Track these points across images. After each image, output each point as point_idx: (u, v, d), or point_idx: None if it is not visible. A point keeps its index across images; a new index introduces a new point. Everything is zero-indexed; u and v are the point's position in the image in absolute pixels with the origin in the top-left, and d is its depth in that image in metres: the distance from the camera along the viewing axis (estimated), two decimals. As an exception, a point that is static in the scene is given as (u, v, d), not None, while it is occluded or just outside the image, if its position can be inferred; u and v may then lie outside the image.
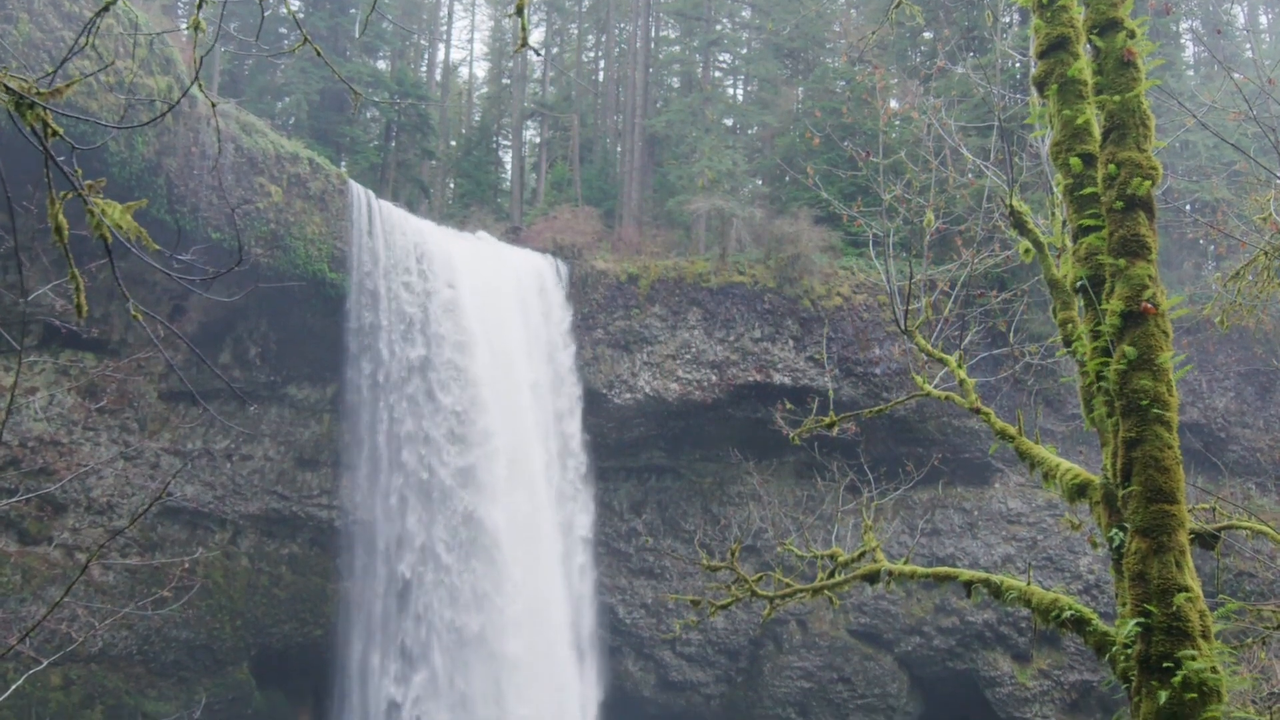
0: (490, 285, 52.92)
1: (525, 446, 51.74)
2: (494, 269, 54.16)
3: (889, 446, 54.79)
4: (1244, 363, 58.16)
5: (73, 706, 46.51)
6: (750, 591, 15.04)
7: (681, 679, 61.38)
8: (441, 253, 51.90)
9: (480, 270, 53.09)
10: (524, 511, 50.73)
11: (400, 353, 50.12)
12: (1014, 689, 58.56)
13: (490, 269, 53.92)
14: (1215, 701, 6.58)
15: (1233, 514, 14.21)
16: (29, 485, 43.91)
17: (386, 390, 50.11)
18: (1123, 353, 7.51)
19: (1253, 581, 51.23)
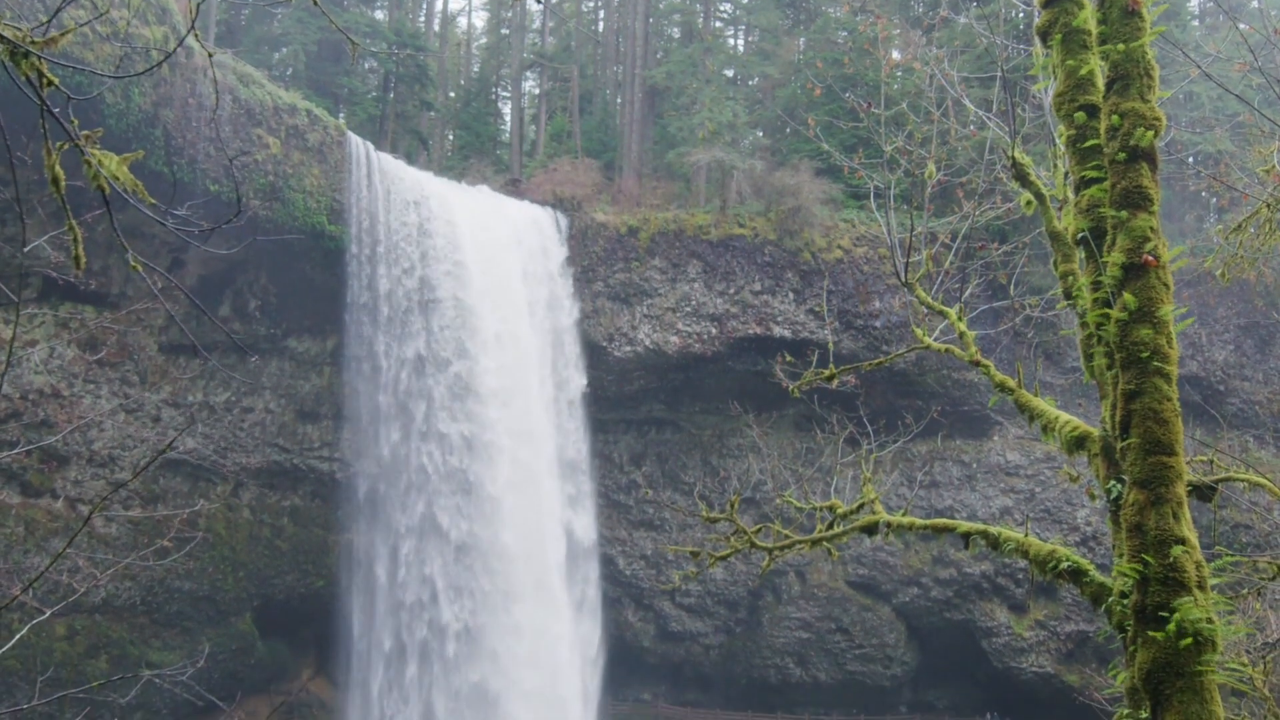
0: (490, 238, 52.73)
1: (525, 399, 51.78)
2: (494, 222, 53.95)
3: (888, 399, 54.89)
4: (1244, 316, 58.11)
5: (77, 656, 46.94)
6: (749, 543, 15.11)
7: (681, 629, 61.91)
8: (441, 205, 51.67)
9: (480, 223, 52.88)
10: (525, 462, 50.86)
11: (400, 305, 50.05)
12: (1010, 639, 59.08)
13: (490, 222, 53.70)
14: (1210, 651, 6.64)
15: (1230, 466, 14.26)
16: (30, 437, 44.02)
17: (387, 342, 50.09)
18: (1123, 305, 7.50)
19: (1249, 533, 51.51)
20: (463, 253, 51.07)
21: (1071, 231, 10.51)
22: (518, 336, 52.07)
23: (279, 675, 54.93)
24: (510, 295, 52.34)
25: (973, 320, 15.66)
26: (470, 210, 53.22)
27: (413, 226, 50.40)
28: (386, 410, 50.27)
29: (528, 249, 54.69)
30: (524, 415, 51.44)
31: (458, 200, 53.30)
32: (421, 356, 50.23)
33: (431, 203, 51.35)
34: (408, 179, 51.62)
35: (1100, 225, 8.74)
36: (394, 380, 50.22)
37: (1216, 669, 6.77)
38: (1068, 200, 11.94)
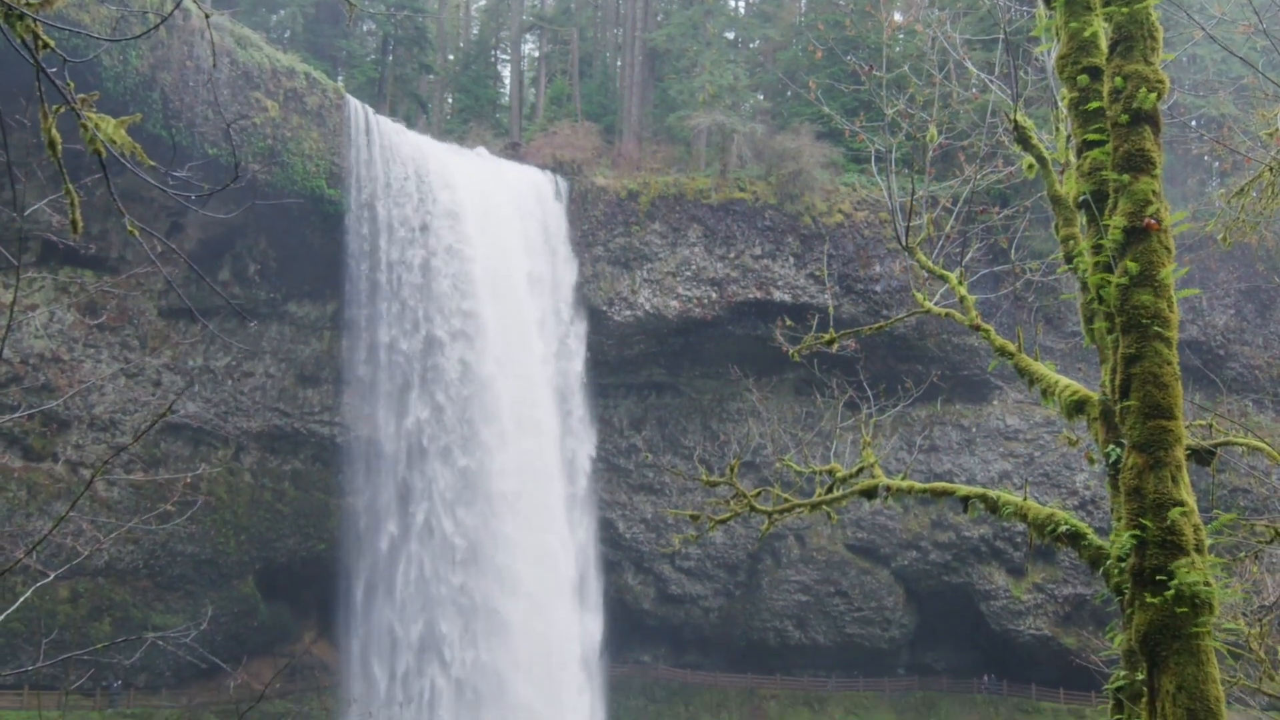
0: (490, 202, 52.54)
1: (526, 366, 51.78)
2: (493, 185, 53.73)
3: (888, 363, 54.90)
4: (1245, 280, 58.00)
5: (81, 619, 47.23)
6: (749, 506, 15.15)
7: (681, 592, 62.23)
8: (441, 169, 51.45)
9: (480, 187, 52.67)
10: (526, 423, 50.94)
11: (400, 269, 49.94)
12: (1008, 602, 59.39)
13: (490, 186, 53.48)
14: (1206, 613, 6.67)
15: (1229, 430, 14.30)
16: (31, 402, 44.06)
17: (387, 307, 50.03)
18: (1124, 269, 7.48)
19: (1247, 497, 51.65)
20: (462, 217, 50.90)
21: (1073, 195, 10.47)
22: (517, 299, 51.98)
23: (282, 638, 55.28)
24: (510, 259, 52.21)
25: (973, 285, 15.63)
26: (470, 174, 53.01)
27: (412, 190, 50.21)
28: (385, 373, 50.28)
29: (527, 213, 54.50)
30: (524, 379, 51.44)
31: (457, 164, 53.07)
32: (419, 318, 50.17)
33: (431, 167, 51.13)
34: (407, 143, 51.36)
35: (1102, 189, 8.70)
36: (392, 343, 50.19)
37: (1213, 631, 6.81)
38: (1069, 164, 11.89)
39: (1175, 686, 6.63)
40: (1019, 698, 59.83)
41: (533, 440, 51.17)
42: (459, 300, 50.55)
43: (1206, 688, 6.57)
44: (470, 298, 50.68)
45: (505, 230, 52.57)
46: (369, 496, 51.31)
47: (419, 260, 50.18)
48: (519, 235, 53.33)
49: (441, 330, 50.38)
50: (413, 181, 50.31)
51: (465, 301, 50.62)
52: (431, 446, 50.32)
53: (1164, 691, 6.71)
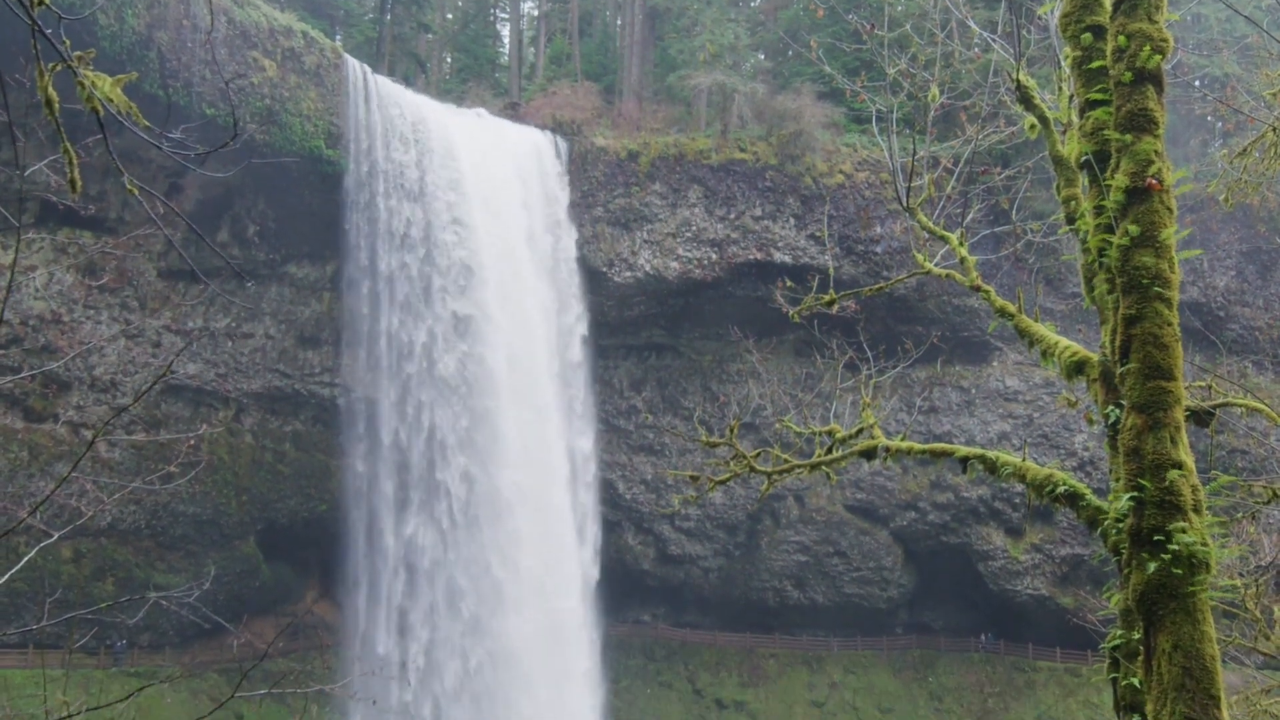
0: (489, 162, 52.33)
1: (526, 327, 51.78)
2: (493, 146, 53.49)
3: (888, 325, 54.88)
4: (1246, 241, 57.86)
5: (84, 578, 47.50)
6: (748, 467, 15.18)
7: (680, 552, 62.55)
8: (440, 129, 51.19)
9: (479, 147, 52.43)
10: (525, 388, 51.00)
11: (399, 230, 49.81)
12: (1006, 562, 59.72)
13: (489, 146, 53.24)
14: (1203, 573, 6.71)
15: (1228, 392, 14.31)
16: (32, 363, 44.09)
17: (387, 268, 49.94)
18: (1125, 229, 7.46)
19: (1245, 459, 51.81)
20: (462, 178, 50.72)
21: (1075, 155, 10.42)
22: (517, 262, 51.90)
23: (283, 597, 55.65)
24: (509, 220, 52.06)
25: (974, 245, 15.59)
26: (469, 134, 52.75)
27: (411, 151, 49.98)
28: (385, 334, 50.28)
29: (527, 174, 54.29)
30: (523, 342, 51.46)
31: (456, 124, 52.80)
32: (419, 280, 50.10)
33: (430, 127, 50.87)
34: (406, 103, 51.07)
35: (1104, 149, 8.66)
36: (392, 304, 50.15)
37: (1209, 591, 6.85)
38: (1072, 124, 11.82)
39: (1171, 645, 6.68)
40: (1016, 657, 60.31)
41: (533, 398, 51.25)
42: (459, 260, 50.44)
43: (1202, 646, 6.62)
44: (470, 258, 50.57)
45: (505, 191, 52.39)
46: (369, 457, 51.44)
47: (418, 220, 50.04)
48: (518, 196, 53.15)
49: (441, 290, 50.30)
50: (412, 141, 50.07)
51: (465, 261, 50.51)
52: (432, 407, 50.39)
53: (1160, 650, 6.75)
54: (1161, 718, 6.63)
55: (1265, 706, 19.30)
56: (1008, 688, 59.43)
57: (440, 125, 51.44)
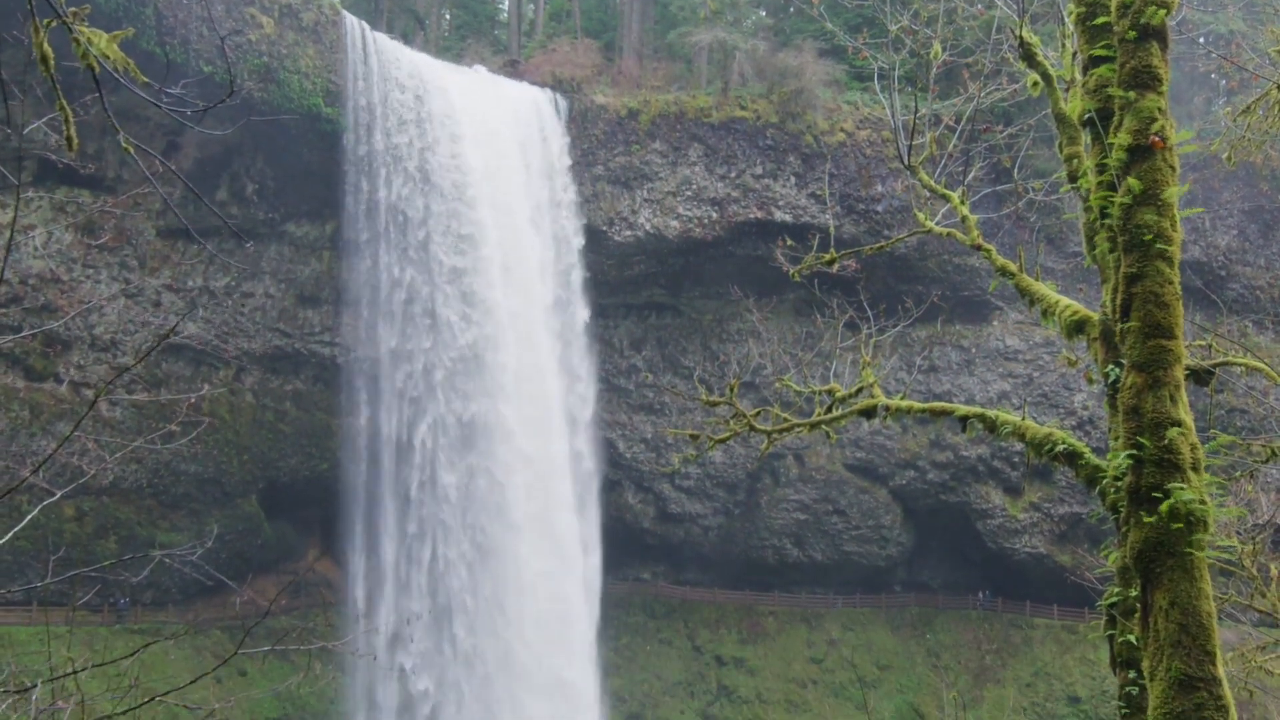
0: (489, 120, 52.01)
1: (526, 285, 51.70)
2: (492, 103, 53.15)
3: (889, 284, 54.80)
4: (1249, 200, 57.64)
5: (87, 537, 47.73)
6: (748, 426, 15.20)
7: (680, 511, 62.82)
8: (439, 86, 50.85)
9: (478, 106, 52.11)
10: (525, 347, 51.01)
11: (398, 188, 49.61)
12: (1004, 521, 60.00)
13: (488, 104, 52.90)
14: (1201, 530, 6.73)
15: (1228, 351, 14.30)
16: (32, 322, 44.09)
17: (386, 226, 49.79)
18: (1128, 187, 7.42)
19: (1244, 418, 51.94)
20: (461, 135, 50.44)
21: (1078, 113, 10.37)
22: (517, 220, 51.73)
23: (286, 555, 55.94)
24: (509, 178, 51.84)
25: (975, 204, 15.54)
26: (468, 92, 52.41)
27: (411, 108, 49.67)
28: (385, 292, 50.22)
29: (527, 132, 53.99)
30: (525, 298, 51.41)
31: (455, 82, 52.43)
32: (419, 238, 49.97)
33: (429, 84, 50.52)
34: (405, 60, 50.69)
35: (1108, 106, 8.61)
36: (392, 262, 50.04)
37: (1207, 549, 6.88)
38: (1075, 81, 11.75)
39: (1168, 602, 6.72)
40: (1013, 614, 60.74)
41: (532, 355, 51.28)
42: (458, 219, 50.28)
43: (1199, 603, 6.66)
44: (470, 216, 50.40)
45: (504, 149, 52.13)
46: (370, 416, 51.53)
47: (418, 179, 49.82)
48: (518, 154, 52.89)
49: (441, 248, 50.17)
50: (411, 99, 49.76)
51: (465, 219, 50.36)
52: (432, 365, 50.42)
53: (1157, 607, 6.80)
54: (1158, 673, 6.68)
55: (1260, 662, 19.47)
56: (1005, 645, 59.91)
57: (439, 83, 51.09)
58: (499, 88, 55.08)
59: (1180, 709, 6.49)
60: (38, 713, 9.02)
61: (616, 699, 56.52)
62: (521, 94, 55.39)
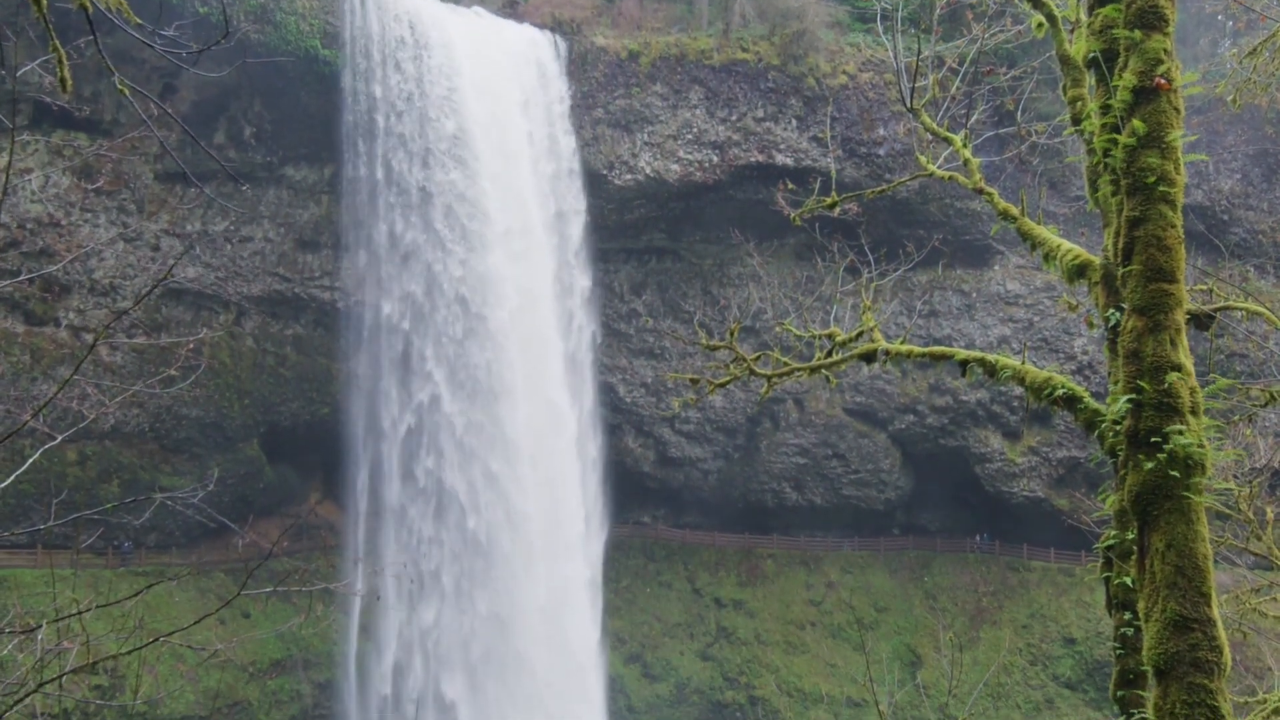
0: (487, 62, 51.53)
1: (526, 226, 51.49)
2: (491, 45, 52.63)
3: (890, 228, 54.61)
4: (1253, 143, 57.27)
5: (89, 480, 47.99)
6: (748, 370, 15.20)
7: (680, 455, 63.08)
8: (437, 28, 50.32)
9: (477, 48, 51.58)
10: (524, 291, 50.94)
11: (397, 131, 49.28)
12: (1003, 465, 60.28)
13: (487, 45, 52.38)
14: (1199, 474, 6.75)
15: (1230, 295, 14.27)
16: (30, 267, 44.01)
17: (385, 170, 49.52)
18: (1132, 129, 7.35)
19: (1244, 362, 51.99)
20: (460, 77, 50.01)
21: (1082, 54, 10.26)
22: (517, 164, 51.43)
23: (287, 499, 56.28)
24: (509, 121, 51.47)
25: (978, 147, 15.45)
26: (467, 33, 51.86)
27: (409, 50, 49.20)
28: (384, 235, 50.07)
29: (526, 74, 53.50)
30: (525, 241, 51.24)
31: (454, 23, 51.88)
32: (418, 180, 49.70)
33: (427, 25, 50.00)
34: (403, 1, 50.13)
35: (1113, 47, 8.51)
36: (390, 206, 49.83)
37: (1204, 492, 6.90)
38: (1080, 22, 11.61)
39: (1165, 544, 6.76)
40: (1010, 557, 61.22)
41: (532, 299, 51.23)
42: (457, 160, 49.99)
43: (1195, 545, 6.70)
44: (469, 159, 50.11)
45: (503, 91, 51.70)
46: (370, 360, 51.59)
47: (416, 121, 49.48)
48: (517, 97, 52.45)
49: (439, 191, 49.93)
50: (409, 41, 49.27)
51: (464, 162, 50.07)
52: (432, 308, 50.38)
53: (1153, 549, 6.84)
54: (1153, 614, 6.74)
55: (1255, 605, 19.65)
56: (1002, 587, 60.44)
57: (438, 24, 50.56)
58: (498, 29, 54.50)
59: (1175, 649, 6.56)
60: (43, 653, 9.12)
61: (617, 640, 57.13)
62: (520, 35, 54.81)
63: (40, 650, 9.16)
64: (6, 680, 9.84)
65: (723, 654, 59.64)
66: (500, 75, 51.85)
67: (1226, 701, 6.51)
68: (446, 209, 50.05)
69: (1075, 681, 56.04)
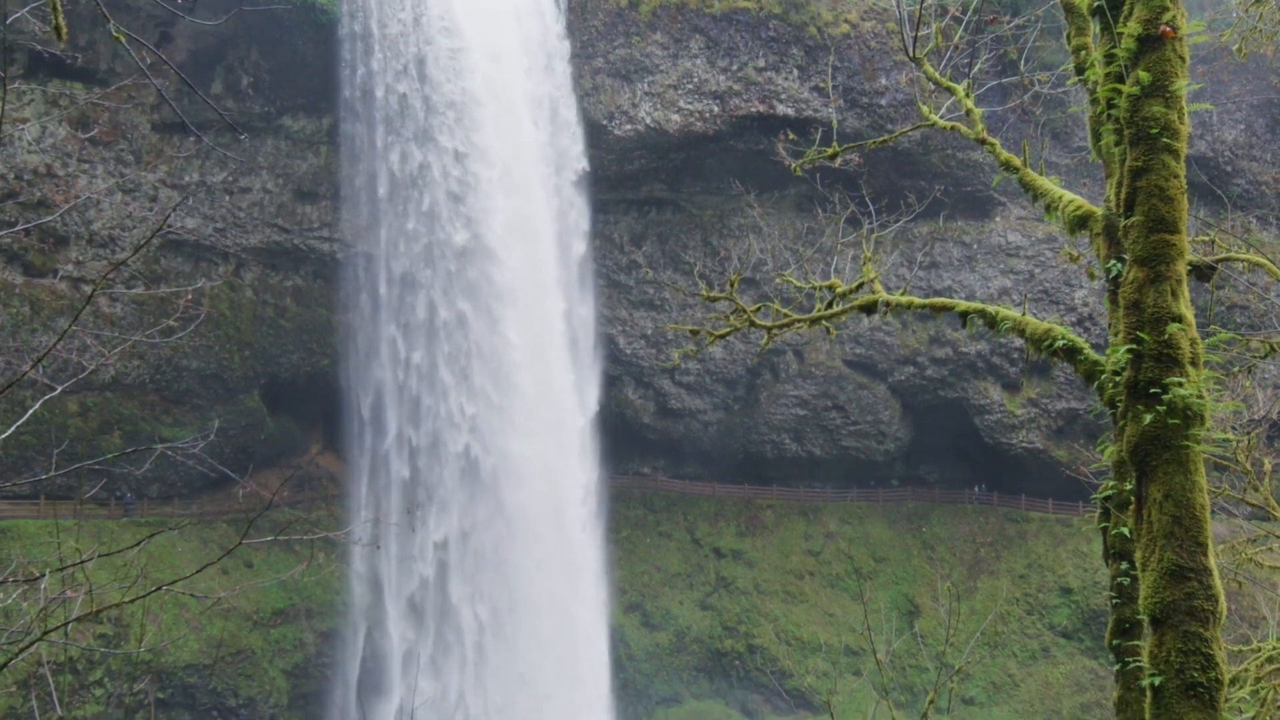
0: (487, 9, 51.01)
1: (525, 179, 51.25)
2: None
3: (891, 179, 54.35)
4: (1258, 94, 56.84)
5: (91, 432, 48.12)
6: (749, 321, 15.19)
7: (680, 406, 63.21)
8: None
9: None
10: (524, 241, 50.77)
11: (395, 82, 48.89)
12: (1002, 416, 60.43)
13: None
14: (1198, 425, 6.76)
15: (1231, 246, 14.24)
16: (28, 217, 43.85)
17: (383, 118, 49.20)
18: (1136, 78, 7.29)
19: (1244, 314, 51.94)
20: (459, 26, 49.53)
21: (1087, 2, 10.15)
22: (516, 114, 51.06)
23: (289, 450, 56.47)
24: (509, 69, 51.03)
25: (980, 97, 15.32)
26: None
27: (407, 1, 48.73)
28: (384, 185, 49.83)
29: (525, 22, 52.95)
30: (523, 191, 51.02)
31: (452, -29, 51.28)
32: (416, 130, 49.40)
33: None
34: (399, -53, 49.55)
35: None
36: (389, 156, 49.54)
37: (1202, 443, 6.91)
38: (1085, -31, 11.47)
39: (1162, 494, 6.78)
40: (1008, 508, 61.56)
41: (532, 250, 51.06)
42: (456, 110, 49.65)
43: (1193, 496, 6.72)
44: (468, 108, 49.77)
45: (503, 40, 51.21)
46: (370, 311, 51.56)
47: (414, 70, 49.08)
48: (517, 46, 51.94)
49: (439, 141, 49.64)
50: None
51: (463, 112, 49.73)
52: (431, 259, 50.25)
53: (1151, 499, 6.87)
54: (1150, 564, 6.78)
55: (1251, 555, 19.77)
56: (999, 538, 60.83)
57: (435, -29, 50.02)
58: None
59: (1171, 598, 6.60)
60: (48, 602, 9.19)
61: (617, 590, 57.57)
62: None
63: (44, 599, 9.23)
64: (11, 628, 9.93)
65: (722, 603, 60.13)
66: (499, 23, 51.36)
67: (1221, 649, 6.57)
68: (446, 157, 49.75)
69: (1071, 630, 56.56)
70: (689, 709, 58.17)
